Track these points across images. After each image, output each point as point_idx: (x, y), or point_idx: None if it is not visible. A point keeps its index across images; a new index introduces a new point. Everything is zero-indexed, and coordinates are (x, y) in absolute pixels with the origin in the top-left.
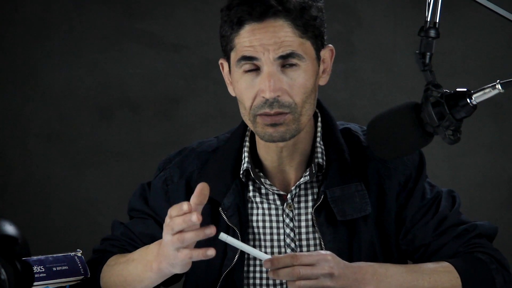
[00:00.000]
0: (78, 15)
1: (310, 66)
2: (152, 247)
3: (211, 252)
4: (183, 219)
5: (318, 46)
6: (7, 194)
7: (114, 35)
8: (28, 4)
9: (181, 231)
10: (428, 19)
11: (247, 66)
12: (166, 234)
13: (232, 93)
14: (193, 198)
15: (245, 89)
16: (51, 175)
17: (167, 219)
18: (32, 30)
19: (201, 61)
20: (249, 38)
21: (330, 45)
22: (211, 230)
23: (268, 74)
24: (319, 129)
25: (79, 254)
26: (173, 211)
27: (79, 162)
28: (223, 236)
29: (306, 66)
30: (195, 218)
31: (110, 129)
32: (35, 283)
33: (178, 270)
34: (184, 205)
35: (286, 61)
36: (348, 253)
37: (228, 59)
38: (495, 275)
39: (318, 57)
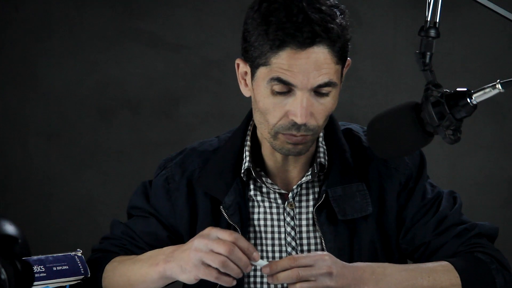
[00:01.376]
0: (78, 15)
1: (338, 90)
2: (166, 248)
3: (234, 282)
4: (245, 262)
5: (344, 65)
6: (8, 194)
7: (114, 35)
8: (28, 4)
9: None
10: (428, 19)
11: (279, 87)
12: (208, 244)
13: (246, 94)
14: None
15: (273, 107)
16: (51, 175)
17: (220, 235)
18: (32, 30)
19: (201, 61)
20: (289, 63)
21: (348, 58)
22: (264, 269)
23: (301, 100)
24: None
25: (79, 254)
26: (243, 242)
27: (79, 162)
28: None
29: (336, 91)
30: (264, 268)
31: (110, 129)
32: (35, 283)
33: (185, 278)
34: (255, 253)
35: (321, 89)
36: (349, 253)
37: (253, 68)
38: (495, 275)
39: (342, 76)
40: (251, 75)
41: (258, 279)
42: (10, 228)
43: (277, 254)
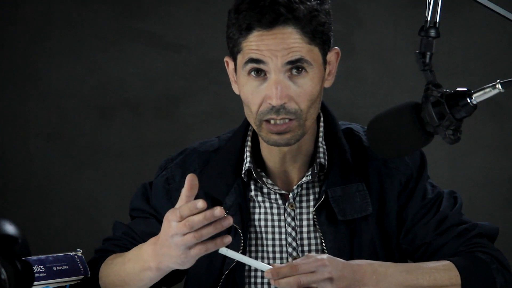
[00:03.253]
0: (79, 14)
1: (317, 72)
2: (146, 247)
3: (228, 239)
4: (204, 215)
5: (325, 50)
6: (8, 194)
7: (114, 35)
8: (28, 4)
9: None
10: (428, 19)
11: (252, 68)
12: (175, 236)
13: (236, 91)
14: (186, 192)
15: (251, 94)
16: (51, 175)
17: (173, 221)
18: (32, 29)
19: (201, 61)
20: (257, 43)
21: (336, 47)
22: (220, 212)
23: (275, 81)
24: (321, 129)
25: (79, 254)
26: (184, 210)
27: (79, 162)
28: (223, 250)
29: (314, 73)
30: (219, 211)
31: (110, 129)
32: (35, 283)
33: (186, 266)
34: (200, 203)
35: (293, 67)
36: (349, 253)
37: (234, 60)
38: (496, 274)
39: (325, 62)
40: (235, 69)
41: (259, 280)
42: (10, 228)
43: (277, 255)
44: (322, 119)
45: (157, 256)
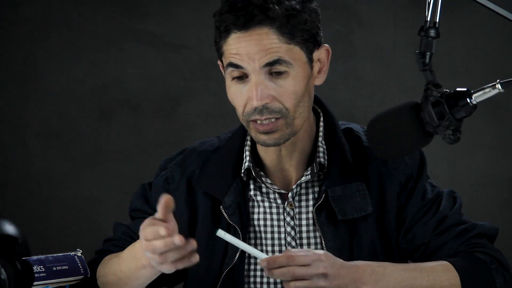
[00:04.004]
0: (78, 15)
1: (299, 71)
2: (139, 246)
3: (195, 258)
4: (164, 243)
5: (310, 48)
6: (7, 194)
7: (114, 35)
8: (28, 4)
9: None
10: (428, 19)
11: (235, 73)
12: (145, 251)
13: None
14: (160, 211)
15: (235, 96)
16: (51, 175)
17: (142, 241)
18: (32, 30)
19: (201, 61)
20: (235, 46)
21: (325, 44)
22: (179, 241)
23: (255, 83)
24: (321, 128)
25: (79, 254)
26: (148, 234)
27: (79, 162)
28: (221, 233)
29: (295, 72)
30: (178, 241)
31: (110, 129)
32: (35, 283)
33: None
34: (161, 230)
35: (272, 68)
36: (349, 252)
37: (222, 64)
38: (495, 275)
39: (310, 60)
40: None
41: (258, 279)
42: (10, 228)
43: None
44: (322, 118)
45: (147, 260)
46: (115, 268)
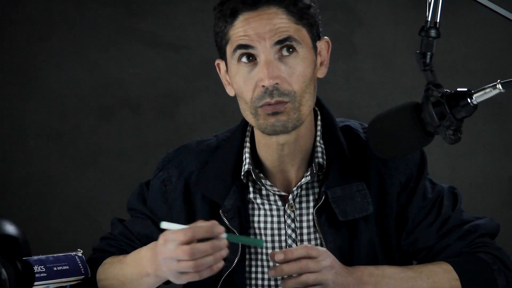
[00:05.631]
0: (79, 15)
1: (308, 54)
2: (144, 253)
3: (221, 264)
4: (212, 245)
5: (314, 35)
6: (7, 194)
7: (114, 35)
8: (28, 4)
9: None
10: (429, 19)
11: (241, 54)
12: (169, 260)
13: (231, 93)
14: (207, 228)
15: (244, 81)
16: (51, 175)
17: (172, 242)
18: (32, 30)
19: (201, 61)
20: (244, 28)
21: (325, 37)
22: (225, 243)
23: (265, 62)
24: (319, 127)
25: (79, 254)
26: (199, 232)
27: (79, 162)
28: (164, 225)
29: (304, 53)
30: (225, 242)
31: (110, 129)
32: (36, 283)
33: (181, 282)
34: (217, 228)
35: (283, 45)
36: (349, 253)
37: (224, 56)
38: (497, 276)
39: (315, 47)
40: (226, 67)
41: (260, 282)
42: (10, 228)
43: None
44: (319, 117)
45: (155, 263)
46: (117, 272)
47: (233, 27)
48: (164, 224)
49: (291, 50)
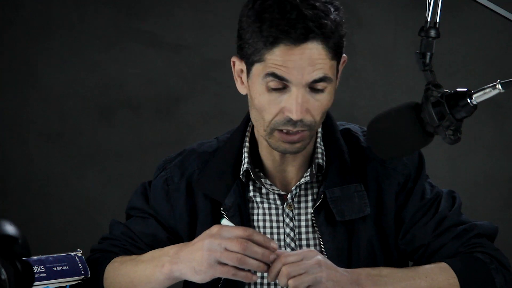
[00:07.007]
0: (79, 15)
1: (334, 85)
2: (168, 249)
3: (255, 277)
4: (263, 253)
5: (339, 61)
6: (8, 194)
7: (114, 35)
8: (28, 4)
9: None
10: (429, 19)
11: (274, 84)
12: (222, 251)
13: (242, 91)
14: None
15: (268, 103)
16: (51, 175)
17: (226, 234)
18: (32, 30)
19: (201, 61)
20: (283, 58)
21: (344, 55)
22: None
23: (297, 96)
24: (319, 129)
25: (79, 254)
26: (257, 236)
27: (79, 162)
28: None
29: (332, 87)
30: (273, 258)
31: (110, 129)
32: (36, 283)
33: (199, 279)
34: (273, 243)
35: (316, 84)
36: (347, 253)
37: (248, 62)
38: (495, 275)
39: (337, 71)
40: (246, 73)
41: (259, 280)
42: (10, 228)
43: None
44: None
45: (176, 257)
46: (129, 270)
47: (271, 53)
48: (224, 221)
49: (323, 88)
